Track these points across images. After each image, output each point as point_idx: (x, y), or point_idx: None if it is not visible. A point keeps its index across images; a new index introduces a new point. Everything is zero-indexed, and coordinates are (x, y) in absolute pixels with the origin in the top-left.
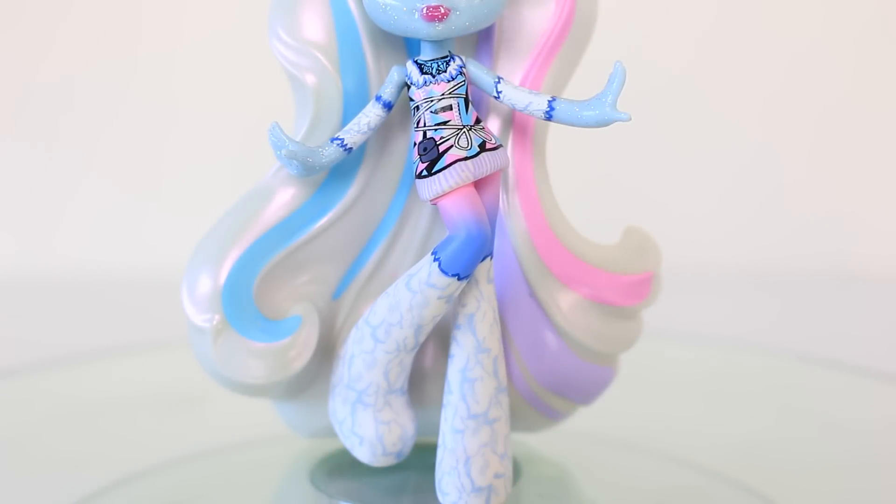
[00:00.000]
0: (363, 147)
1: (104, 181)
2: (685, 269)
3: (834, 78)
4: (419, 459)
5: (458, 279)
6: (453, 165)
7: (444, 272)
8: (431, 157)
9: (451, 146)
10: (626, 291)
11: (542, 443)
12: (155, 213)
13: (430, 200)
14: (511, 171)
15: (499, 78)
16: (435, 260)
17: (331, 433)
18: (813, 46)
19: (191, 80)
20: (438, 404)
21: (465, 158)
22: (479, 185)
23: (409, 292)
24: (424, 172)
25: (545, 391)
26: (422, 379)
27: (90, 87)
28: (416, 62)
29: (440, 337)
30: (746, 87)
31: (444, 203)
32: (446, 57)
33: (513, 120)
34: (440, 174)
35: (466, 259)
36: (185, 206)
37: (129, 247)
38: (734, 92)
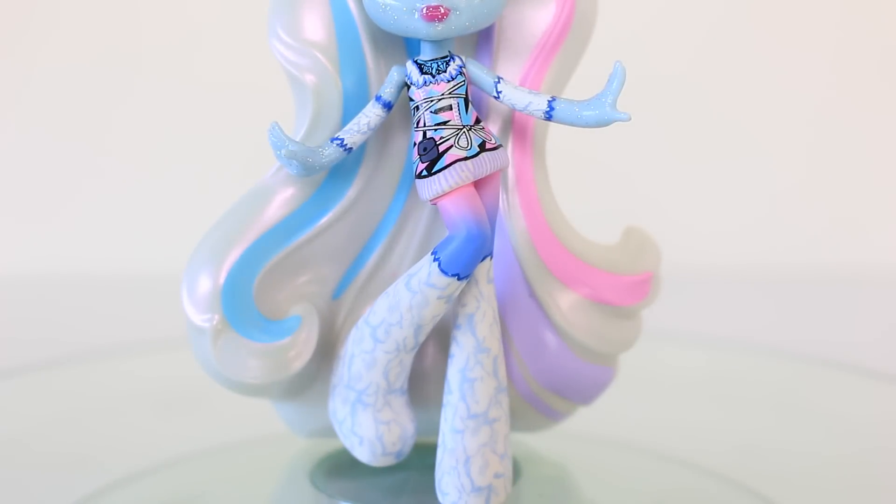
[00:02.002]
0: (363, 147)
1: (103, 180)
2: (685, 269)
3: (834, 79)
4: (419, 459)
5: (458, 279)
6: (453, 165)
7: (444, 272)
8: (431, 157)
9: (451, 146)
10: (626, 291)
11: (542, 443)
12: (153, 212)
13: (430, 200)
14: (511, 171)
15: (499, 78)
16: (435, 260)
17: (330, 433)
18: (817, 49)
19: (189, 79)
20: (438, 404)
21: (465, 158)
22: (478, 185)
23: (408, 292)
24: (424, 172)
25: (545, 391)
26: (422, 379)
27: (86, 85)
28: (415, 62)
29: (440, 337)
30: (748, 88)
31: (444, 203)
32: (446, 57)
33: (513, 120)
34: (440, 174)
35: (466, 259)
36: (185, 205)
37: (127, 246)
38: (735, 92)
